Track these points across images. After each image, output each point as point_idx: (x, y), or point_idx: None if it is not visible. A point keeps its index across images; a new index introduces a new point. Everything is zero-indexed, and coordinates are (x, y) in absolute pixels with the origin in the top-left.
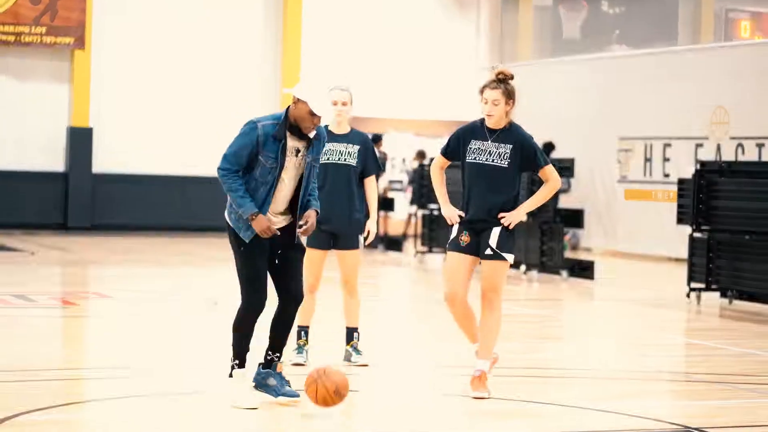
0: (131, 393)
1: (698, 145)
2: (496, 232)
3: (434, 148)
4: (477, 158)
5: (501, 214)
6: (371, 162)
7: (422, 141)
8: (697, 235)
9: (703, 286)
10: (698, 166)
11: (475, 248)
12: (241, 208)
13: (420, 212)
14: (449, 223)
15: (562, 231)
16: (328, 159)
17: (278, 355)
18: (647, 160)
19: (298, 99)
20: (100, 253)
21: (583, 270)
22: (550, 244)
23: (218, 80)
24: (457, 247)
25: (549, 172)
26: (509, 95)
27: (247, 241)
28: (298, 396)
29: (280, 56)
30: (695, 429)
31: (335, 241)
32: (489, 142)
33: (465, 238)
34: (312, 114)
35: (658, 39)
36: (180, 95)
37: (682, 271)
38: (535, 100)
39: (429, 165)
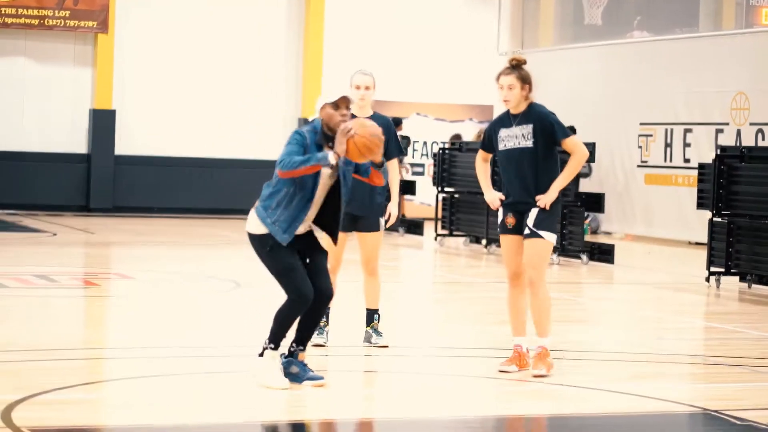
0: (153, 373)
1: (719, 131)
2: (534, 212)
3: (453, 132)
4: (506, 145)
5: (538, 197)
6: (393, 145)
7: (442, 125)
8: (717, 219)
9: (722, 270)
10: (718, 152)
11: (518, 230)
12: (318, 160)
13: (441, 196)
14: (492, 208)
15: (582, 215)
16: None
17: (302, 348)
18: (668, 145)
19: (320, 109)
20: (122, 234)
21: (603, 254)
22: (571, 228)
23: (240, 63)
24: (504, 229)
25: (572, 144)
26: (523, 80)
27: (285, 244)
28: (322, 378)
29: (302, 39)
30: (714, 411)
31: (356, 224)
32: (514, 127)
33: (510, 220)
34: (335, 107)
35: (680, 25)
36: (202, 78)
37: (702, 255)
38: (556, 86)
39: (449, 148)
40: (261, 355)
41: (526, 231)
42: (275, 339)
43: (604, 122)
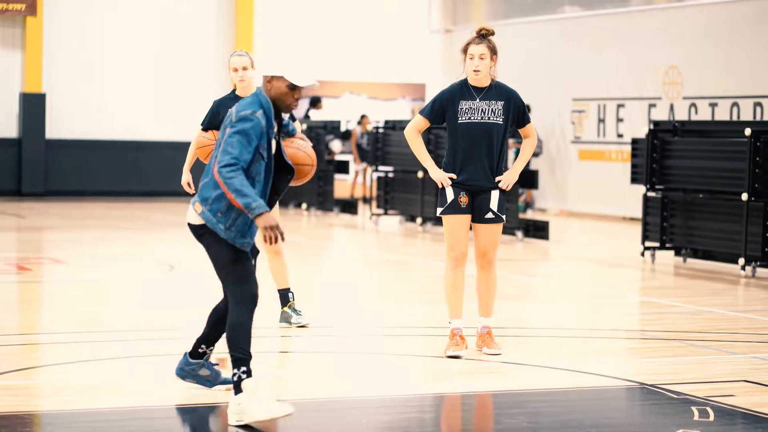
0: (88, 357)
1: (651, 106)
2: (495, 194)
3: (387, 111)
4: (471, 117)
5: (498, 178)
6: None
7: (377, 104)
8: (651, 194)
9: (657, 244)
10: (651, 126)
11: (471, 209)
12: (253, 207)
13: (375, 174)
14: (440, 186)
15: (517, 192)
16: None
17: (211, 348)
18: (600, 120)
19: (272, 77)
20: (55, 218)
21: (537, 230)
22: (506, 205)
23: (169, 44)
24: (457, 209)
25: (531, 129)
26: (493, 50)
27: (247, 250)
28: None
29: (233, 19)
30: (651, 386)
31: None
32: (478, 100)
33: (464, 199)
34: (293, 87)
35: (610, 0)
36: (131, 60)
37: (637, 230)
38: None
39: (380, 128)
40: (238, 390)
41: (490, 215)
42: (242, 360)
43: (537, 99)
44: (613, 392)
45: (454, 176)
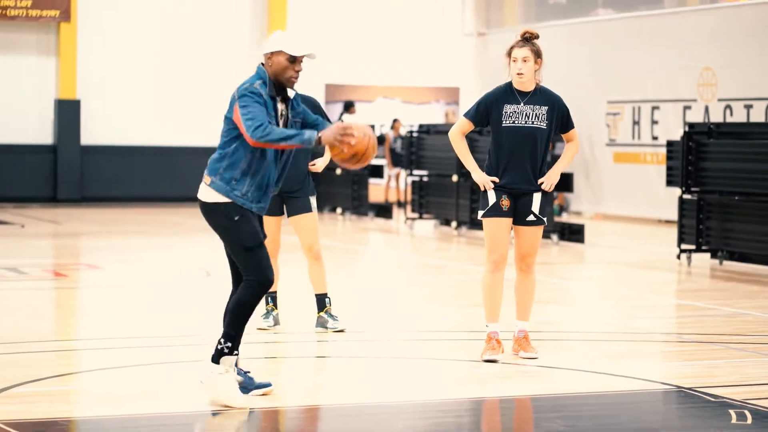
0: (123, 363)
1: (686, 108)
2: (537, 197)
3: (421, 115)
4: (515, 122)
5: (540, 180)
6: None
7: (411, 107)
8: (686, 196)
9: (693, 247)
10: (687, 128)
11: (512, 213)
12: (307, 137)
13: (410, 179)
14: (482, 189)
15: (552, 195)
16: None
17: (237, 352)
18: (635, 123)
19: (271, 53)
20: (90, 224)
21: (573, 233)
22: (548, 208)
23: (205, 50)
24: (499, 212)
25: (575, 134)
26: (537, 54)
27: (262, 214)
28: (270, 385)
29: (266, 25)
30: (687, 389)
31: (287, 206)
32: (522, 105)
33: (506, 203)
34: (292, 60)
35: (644, 2)
36: (166, 65)
37: (672, 233)
38: None
39: (414, 132)
40: (216, 360)
41: (531, 217)
42: (232, 336)
43: (571, 101)
44: (650, 395)
45: (497, 179)
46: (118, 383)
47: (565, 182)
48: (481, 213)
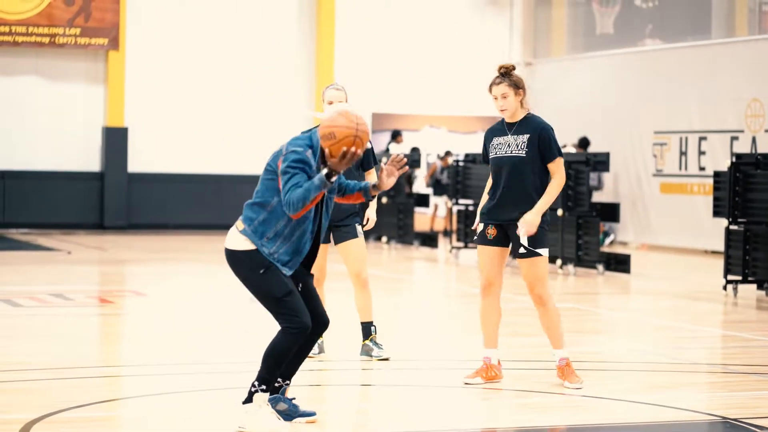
0: (168, 390)
1: (734, 138)
2: (524, 229)
3: (467, 144)
4: (497, 153)
5: (519, 224)
6: (371, 157)
7: (456, 137)
8: (733, 227)
9: (739, 278)
10: (734, 159)
11: (503, 240)
12: (318, 188)
13: (455, 208)
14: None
15: (598, 225)
16: None
17: (288, 382)
18: (682, 153)
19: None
20: (136, 251)
21: (619, 264)
22: (586, 238)
23: (252, 79)
24: (484, 240)
25: (558, 165)
26: (516, 86)
27: (288, 274)
28: (314, 414)
29: (313, 56)
30: (733, 420)
31: (333, 234)
32: (509, 135)
33: (492, 231)
34: (343, 156)
35: (692, 33)
36: (213, 94)
37: (719, 264)
38: (569, 95)
39: (461, 162)
40: (248, 400)
41: (522, 250)
42: (267, 380)
43: (618, 131)
44: (695, 426)
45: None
46: (161, 410)
47: (612, 212)
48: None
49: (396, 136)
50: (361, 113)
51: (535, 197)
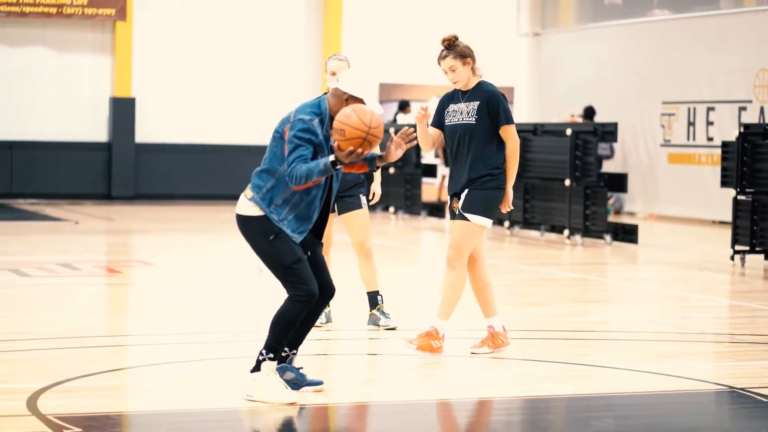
0: (176, 359)
1: (742, 109)
2: (463, 195)
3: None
4: (451, 120)
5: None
6: None
7: None
8: (741, 197)
9: (747, 248)
10: (742, 129)
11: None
12: (322, 168)
13: None
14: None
15: (605, 195)
16: None
17: (295, 351)
18: (690, 123)
19: (350, 96)
20: (144, 222)
21: (626, 234)
22: (594, 209)
23: (259, 48)
24: (453, 215)
25: (510, 132)
26: (462, 56)
27: (298, 241)
28: (322, 383)
29: (321, 23)
30: (740, 389)
31: (338, 206)
32: (462, 103)
33: (455, 205)
34: (347, 102)
35: (701, 3)
36: (221, 63)
37: (726, 234)
38: (577, 65)
39: None
40: (256, 368)
41: (456, 212)
42: (274, 348)
43: (626, 102)
44: (702, 396)
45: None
46: (169, 379)
47: (619, 182)
48: None
49: (404, 106)
50: (378, 114)
51: (486, 164)
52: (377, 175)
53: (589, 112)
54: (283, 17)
